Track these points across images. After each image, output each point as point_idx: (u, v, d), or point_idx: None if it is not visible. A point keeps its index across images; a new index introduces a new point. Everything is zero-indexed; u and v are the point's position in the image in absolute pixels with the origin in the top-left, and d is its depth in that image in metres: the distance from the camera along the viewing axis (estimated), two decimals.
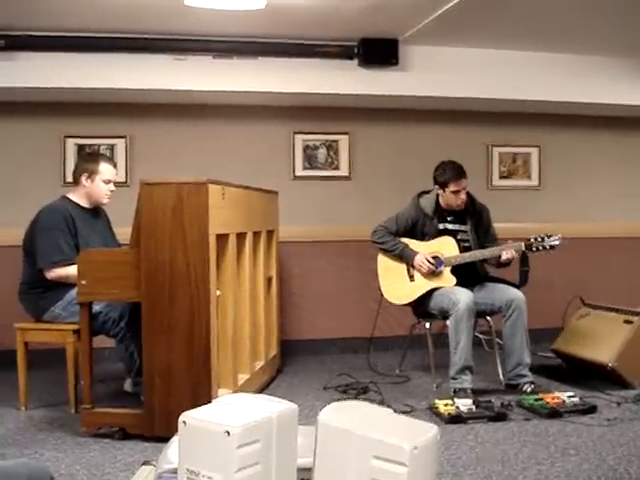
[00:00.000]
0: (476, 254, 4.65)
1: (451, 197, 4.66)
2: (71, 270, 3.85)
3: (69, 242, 4.05)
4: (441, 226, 4.74)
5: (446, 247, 4.65)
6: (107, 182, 4.25)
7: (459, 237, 4.70)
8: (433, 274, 4.63)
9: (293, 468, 1.83)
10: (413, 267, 4.69)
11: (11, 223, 4.98)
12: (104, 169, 4.24)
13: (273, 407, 1.80)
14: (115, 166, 4.42)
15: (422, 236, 4.75)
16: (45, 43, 4.85)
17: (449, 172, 4.61)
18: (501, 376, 4.62)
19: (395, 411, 3.51)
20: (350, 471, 1.72)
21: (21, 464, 1.71)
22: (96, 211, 4.36)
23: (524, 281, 4.61)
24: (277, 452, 1.76)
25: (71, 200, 4.24)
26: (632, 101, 5.74)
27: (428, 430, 1.78)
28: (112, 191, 4.29)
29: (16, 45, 4.82)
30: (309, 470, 1.82)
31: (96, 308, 3.80)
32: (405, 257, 4.71)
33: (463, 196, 4.65)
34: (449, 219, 4.75)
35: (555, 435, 3.64)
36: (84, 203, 4.26)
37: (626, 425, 3.76)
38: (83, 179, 4.22)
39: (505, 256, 4.52)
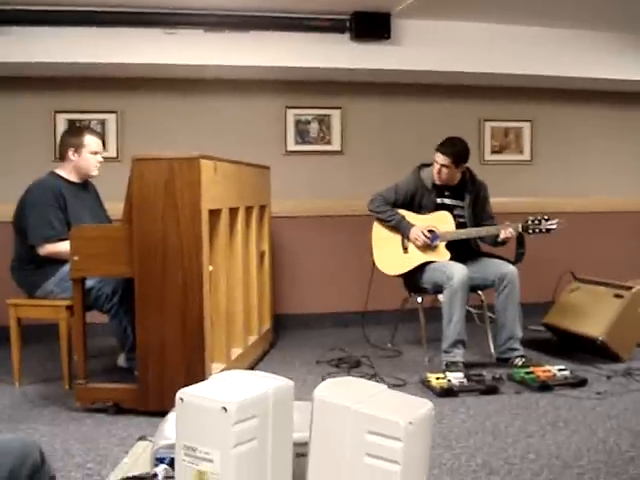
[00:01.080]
0: (472, 232, 4.66)
1: (434, 165, 4.65)
2: (63, 246, 3.85)
3: (60, 218, 4.03)
4: (439, 200, 4.73)
5: (442, 222, 4.65)
6: (94, 153, 4.22)
7: (455, 212, 4.70)
8: (428, 248, 4.64)
9: (289, 443, 1.85)
10: (408, 239, 4.69)
11: (1, 198, 4.97)
12: (89, 141, 4.21)
13: (269, 383, 1.81)
14: (100, 137, 4.39)
15: (419, 208, 4.74)
16: (35, 17, 4.78)
17: (443, 144, 4.58)
18: (492, 350, 4.65)
19: (388, 385, 3.54)
20: (345, 446, 1.73)
21: (13, 439, 1.72)
22: (85, 185, 4.34)
23: (519, 261, 4.60)
24: (273, 428, 1.77)
25: (60, 175, 4.21)
26: (624, 75, 5.73)
27: (423, 405, 1.80)
28: (100, 162, 4.26)
29: (6, 20, 4.75)
30: (304, 445, 1.83)
31: (89, 284, 3.80)
32: (401, 229, 4.71)
33: (441, 172, 4.60)
34: (447, 193, 4.74)
35: (546, 408, 3.68)
36: (73, 177, 4.24)
37: (616, 398, 3.81)
38: (70, 154, 4.18)
39: (503, 235, 4.51)
